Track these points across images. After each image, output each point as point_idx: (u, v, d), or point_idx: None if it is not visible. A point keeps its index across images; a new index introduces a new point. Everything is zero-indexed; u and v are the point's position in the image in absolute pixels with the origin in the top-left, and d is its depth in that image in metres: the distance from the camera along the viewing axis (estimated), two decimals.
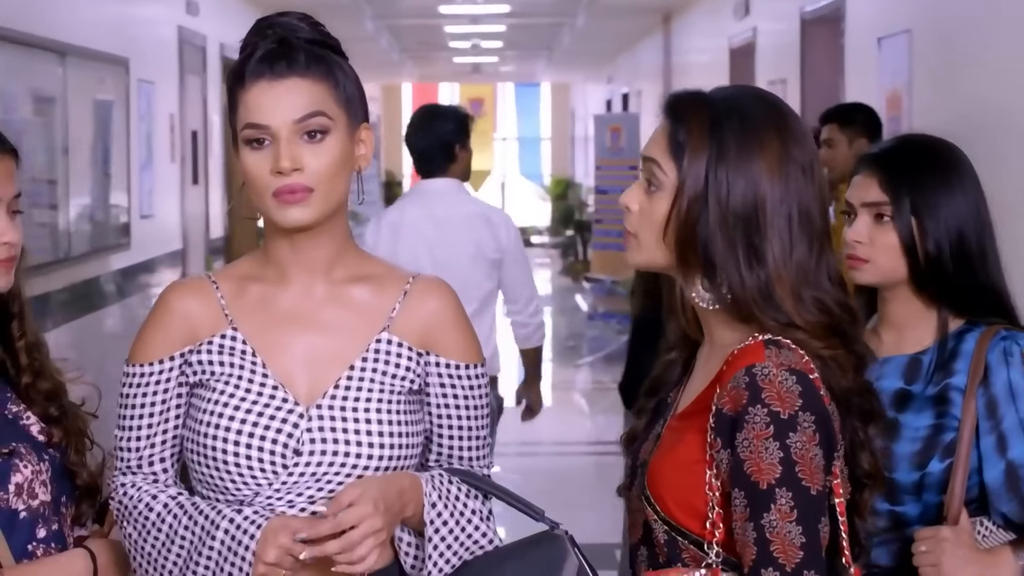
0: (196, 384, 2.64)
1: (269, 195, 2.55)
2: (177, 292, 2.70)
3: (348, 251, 2.69)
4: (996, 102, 5.50)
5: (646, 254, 2.47)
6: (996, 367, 2.84)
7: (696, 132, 2.39)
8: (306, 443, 2.58)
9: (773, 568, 2.25)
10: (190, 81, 11.49)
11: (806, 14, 9.05)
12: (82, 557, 2.68)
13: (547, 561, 2.58)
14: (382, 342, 2.65)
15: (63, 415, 2.76)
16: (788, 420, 2.27)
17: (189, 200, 11.43)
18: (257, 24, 2.62)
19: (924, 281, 2.90)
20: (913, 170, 2.91)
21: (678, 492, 2.39)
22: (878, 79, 7.30)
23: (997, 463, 2.82)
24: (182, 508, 2.59)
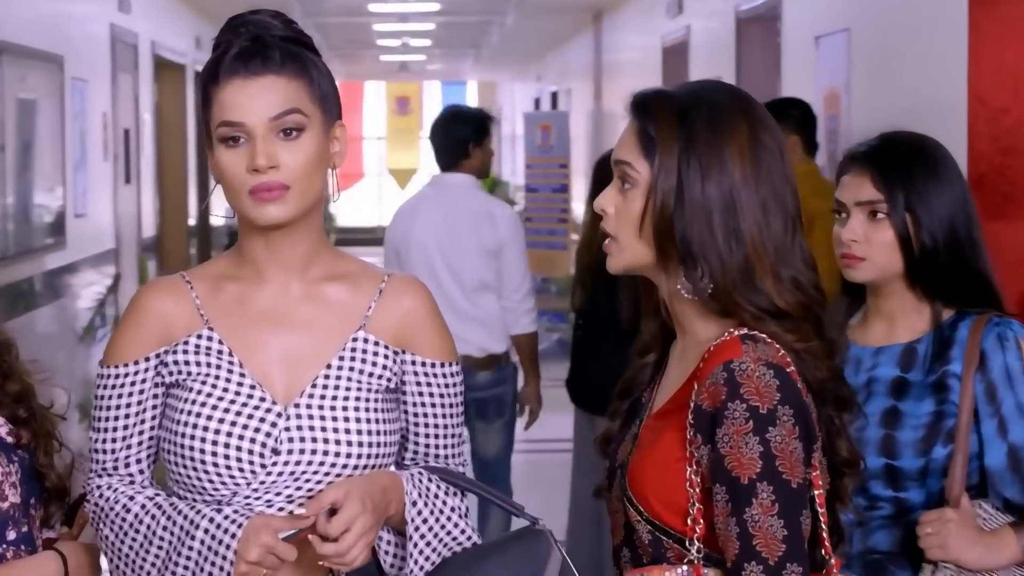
0: (172, 384, 2.63)
1: (245, 193, 2.54)
2: (151, 292, 2.69)
3: (323, 249, 2.69)
4: (934, 100, 5.56)
5: (627, 255, 2.48)
6: (992, 353, 2.90)
7: (665, 125, 2.41)
8: (284, 442, 2.57)
9: (756, 562, 2.27)
10: (122, 79, 11.40)
11: (741, 13, 9.09)
12: (53, 559, 2.67)
13: (532, 556, 2.58)
14: (358, 340, 2.65)
15: (32, 417, 2.75)
16: (767, 414, 2.29)
17: (122, 199, 11.34)
18: (230, 22, 2.62)
19: (919, 274, 2.96)
20: (904, 166, 2.97)
21: (661, 491, 2.40)
22: (816, 77, 7.35)
23: (999, 447, 2.89)
24: (160, 509, 2.58)
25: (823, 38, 7.29)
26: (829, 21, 7.22)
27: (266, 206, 2.54)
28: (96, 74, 10.52)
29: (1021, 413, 2.88)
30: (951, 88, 5.29)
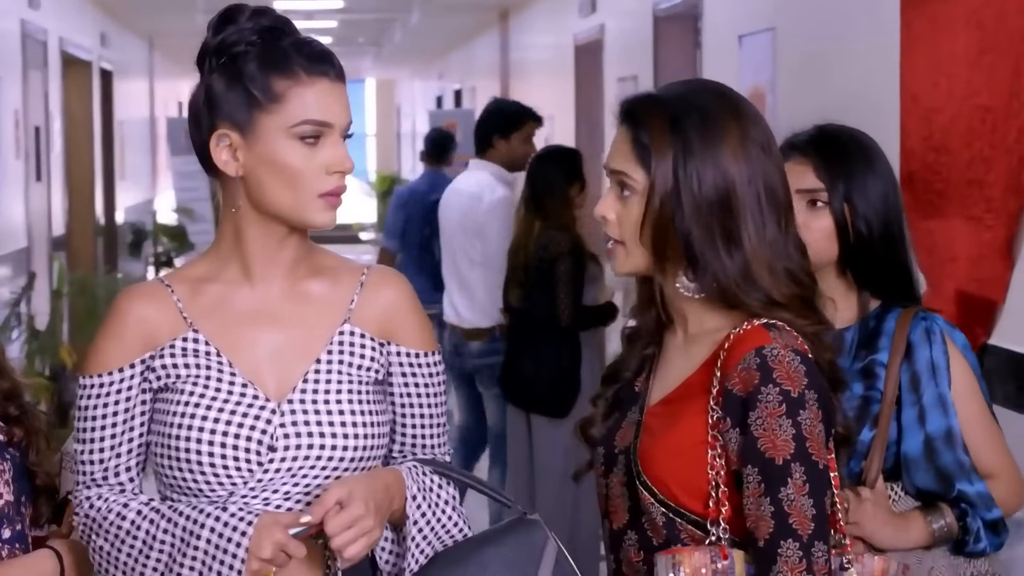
0: (161, 389, 2.62)
1: (315, 194, 2.56)
2: (130, 298, 2.68)
3: (310, 248, 2.70)
4: (865, 98, 5.61)
5: (634, 260, 2.55)
6: (920, 345, 2.99)
7: (658, 132, 2.48)
8: (280, 439, 2.58)
9: (793, 539, 2.35)
10: (32, 76, 11.29)
11: (659, 11, 9.12)
12: (49, 558, 2.67)
13: (528, 545, 2.62)
14: (345, 334, 2.66)
15: (23, 414, 2.74)
16: (798, 398, 2.38)
17: (33, 197, 11.23)
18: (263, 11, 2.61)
19: (850, 263, 3.05)
20: (844, 157, 3.05)
21: (680, 475, 2.47)
22: (739, 76, 7.39)
23: (917, 435, 2.98)
24: (159, 513, 2.57)
25: (746, 37, 7.33)
26: (753, 20, 7.26)
27: (333, 211, 2.59)
28: (8, 71, 10.41)
29: (940, 404, 2.97)
30: (882, 87, 5.35)
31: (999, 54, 4.48)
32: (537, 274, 6.46)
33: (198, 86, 2.64)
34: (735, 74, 7.46)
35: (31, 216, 11.11)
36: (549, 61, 13.51)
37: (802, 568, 2.35)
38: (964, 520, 2.97)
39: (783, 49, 6.80)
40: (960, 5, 4.76)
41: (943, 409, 2.97)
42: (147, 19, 16.84)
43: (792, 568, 2.35)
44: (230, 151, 2.59)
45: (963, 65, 4.72)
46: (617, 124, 2.58)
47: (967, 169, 4.68)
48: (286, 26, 2.61)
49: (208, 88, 2.60)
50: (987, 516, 2.98)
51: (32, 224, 11.15)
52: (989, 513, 2.98)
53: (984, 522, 2.97)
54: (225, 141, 2.58)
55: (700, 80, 2.66)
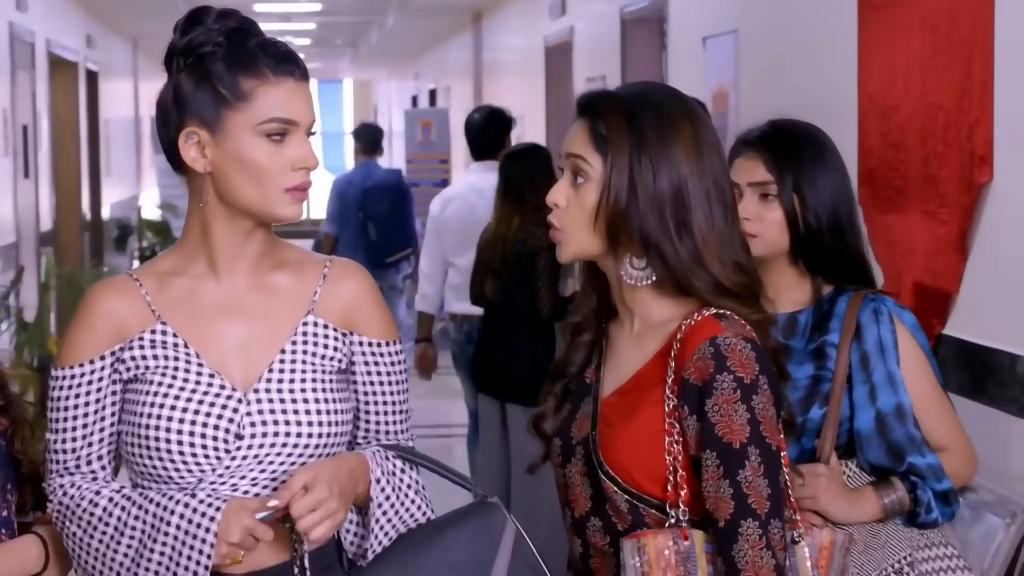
0: (130, 380, 2.62)
1: (280, 189, 2.57)
2: (100, 292, 2.67)
3: (273, 241, 2.71)
4: (824, 98, 5.63)
5: (576, 245, 2.57)
6: (867, 326, 3.04)
7: (615, 125, 2.51)
8: (247, 427, 2.58)
9: (752, 518, 2.39)
10: (20, 76, 11.26)
11: (626, 14, 9.14)
12: (34, 543, 2.67)
13: (488, 528, 2.63)
14: (308, 324, 2.67)
15: (8, 404, 2.74)
16: (751, 384, 2.42)
17: (21, 194, 11.20)
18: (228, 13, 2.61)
19: (802, 251, 3.08)
20: (793, 152, 3.09)
21: (641, 462, 2.49)
22: (704, 77, 7.41)
23: (868, 411, 3.02)
24: (129, 500, 2.57)
25: (710, 39, 7.35)
26: (716, 22, 7.28)
27: (299, 204, 2.60)
28: None
29: (890, 381, 3.01)
30: (841, 87, 5.37)
31: (951, 56, 4.50)
32: (516, 268, 6.45)
33: (166, 85, 2.64)
34: (700, 74, 7.48)
35: (19, 212, 11.09)
36: (520, 62, 13.52)
37: (762, 545, 2.38)
38: (915, 492, 3.00)
39: (745, 50, 6.82)
40: (915, 9, 4.78)
41: (892, 386, 3.01)
42: (131, 22, 16.81)
43: (753, 545, 2.38)
44: (198, 148, 2.59)
45: (917, 66, 4.74)
46: (575, 117, 2.61)
47: (923, 166, 4.70)
48: (252, 27, 2.62)
49: (176, 87, 2.60)
50: (937, 487, 3.01)
51: (20, 220, 11.13)
52: (939, 484, 3.01)
53: (935, 493, 3.01)
54: (193, 138, 2.59)
55: (655, 82, 2.71)
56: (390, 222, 10.38)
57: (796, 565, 2.54)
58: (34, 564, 2.66)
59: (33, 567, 2.66)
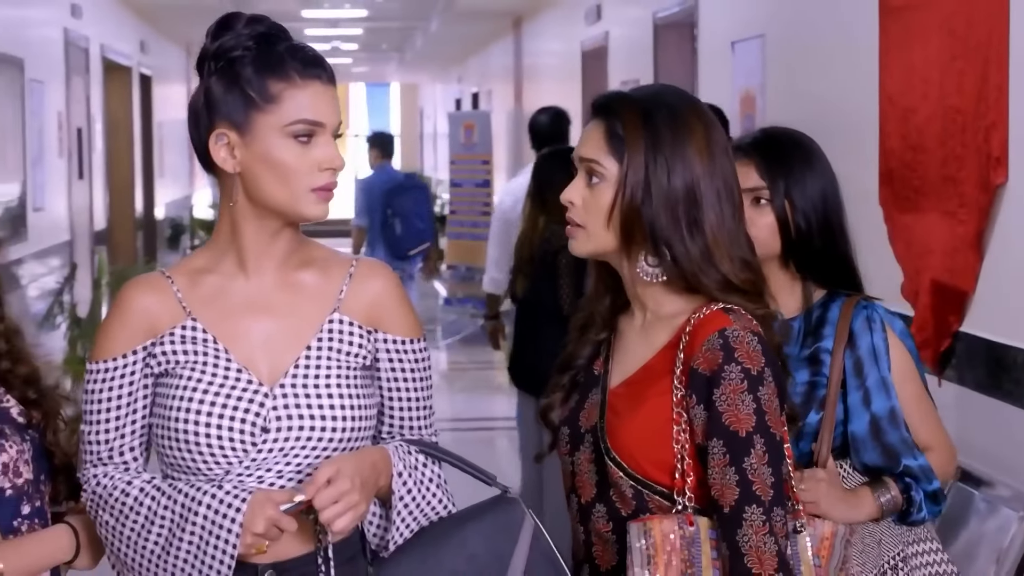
0: (161, 374, 2.63)
1: (308, 188, 2.57)
2: (134, 289, 2.68)
3: (301, 240, 2.71)
4: (847, 100, 5.62)
5: (594, 242, 2.58)
6: (861, 332, 3.04)
7: (631, 126, 2.52)
8: (272, 421, 2.58)
9: (756, 504, 2.40)
10: (75, 81, 11.32)
11: (659, 19, 9.13)
12: (66, 532, 2.67)
13: (506, 522, 2.62)
14: (334, 322, 2.66)
15: (41, 398, 2.74)
16: (757, 375, 2.43)
17: (76, 194, 11.27)
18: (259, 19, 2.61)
19: (793, 255, 3.08)
20: (783, 157, 3.09)
21: (649, 450, 2.50)
22: (732, 80, 7.40)
23: (863, 415, 3.02)
24: (159, 490, 2.57)
25: (739, 43, 7.33)
26: (744, 27, 7.27)
27: (326, 204, 2.60)
28: (51, 76, 10.45)
29: (883, 386, 3.01)
30: (863, 90, 5.35)
31: (968, 59, 4.47)
32: (541, 266, 6.46)
33: (197, 89, 2.65)
34: (728, 78, 7.47)
35: (73, 212, 11.16)
36: (558, 66, 13.52)
37: (765, 531, 2.39)
38: (908, 492, 3.01)
39: (772, 54, 6.81)
40: (933, 13, 4.75)
41: (886, 391, 3.01)
42: (184, 28, 16.88)
43: (756, 531, 2.39)
44: (228, 149, 2.59)
45: (936, 69, 4.71)
46: (590, 117, 2.61)
47: (941, 167, 4.67)
48: (281, 32, 2.62)
49: (207, 90, 2.60)
50: (928, 488, 3.02)
51: (74, 219, 11.19)
52: (930, 485, 3.02)
53: (925, 493, 3.02)
54: (223, 140, 2.59)
55: (668, 85, 2.71)
56: (414, 218, 11.50)
57: (798, 554, 2.55)
58: (66, 552, 2.66)
59: (65, 555, 2.67)
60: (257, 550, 2.50)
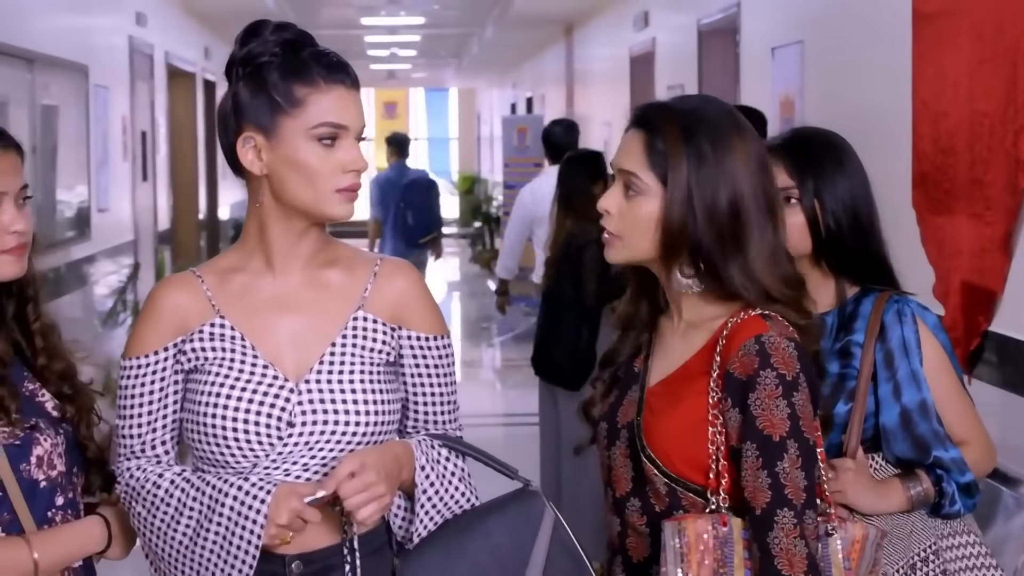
0: (191, 370, 2.64)
1: (332, 189, 2.57)
2: (165, 288, 2.70)
3: (326, 240, 2.71)
4: (881, 104, 5.59)
5: (630, 251, 2.55)
6: (891, 326, 2.98)
7: (672, 140, 2.46)
8: (298, 415, 2.58)
9: (788, 508, 2.37)
10: (139, 86, 11.39)
11: (703, 26, 9.11)
12: (98, 523, 2.68)
13: (527, 515, 2.62)
14: (358, 319, 2.66)
15: (75, 393, 2.75)
16: (792, 381, 2.40)
17: (139, 195, 11.34)
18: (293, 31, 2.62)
19: (825, 253, 3.03)
20: (813, 157, 3.03)
21: (683, 449, 2.48)
22: (772, 85, 7.37)
23: (893, 407, 2.97)
24: (188, 482, 2.59)
25: (778, 49, 7.31)
26: (784, 34, 7.24)
27: (350, 204, 2.60)
28: (116, 82, 10.51)
29: (913, 379, 2.96)
30: (896, 94, 5.32)
31: (996, 64, 4.43)
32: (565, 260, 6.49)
33: (226, 94, 2.66)
34: (768, 83, 7.45)
35: (137, 212, 11.22)
36: (608, 71, 13.50)
37: (796, 534, 2.36)
38: (940, 484, 2.96)
39: (810, 60, 6.78)
40: (964, 19, 4.71)
41: (916, 383, 2.96)
42: None
43: (788, 533, 2.36)
44: (255, 152, 2.59)
45: (966, 73, 4.67)
46: (628, 127, 2.56)
47: (970, 169, 4.64)
48: (306, 39, 2.62)
49: (235, 95, 2.61)
50: (961, 480, 2.97)
51: (138, 220, 11.25)
52: (963, 477, 2.97)
53: (958, 485, 2.96)
54: (250, 143, 2.59)
55: (708, 96, 2.65)
56: (424, 210, 12.33)
57: (829, 556, 2.51)
58: (98, 543, 2.67)
59: (97, 545, 2.68)
60: (281, 541, 2.50)
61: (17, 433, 2.59)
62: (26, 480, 2.60)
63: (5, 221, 2.62)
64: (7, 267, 2.64)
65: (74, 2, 9.39)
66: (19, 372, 2.70)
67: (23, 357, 2.73)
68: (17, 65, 7.69)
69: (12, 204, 2.63)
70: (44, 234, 8.07)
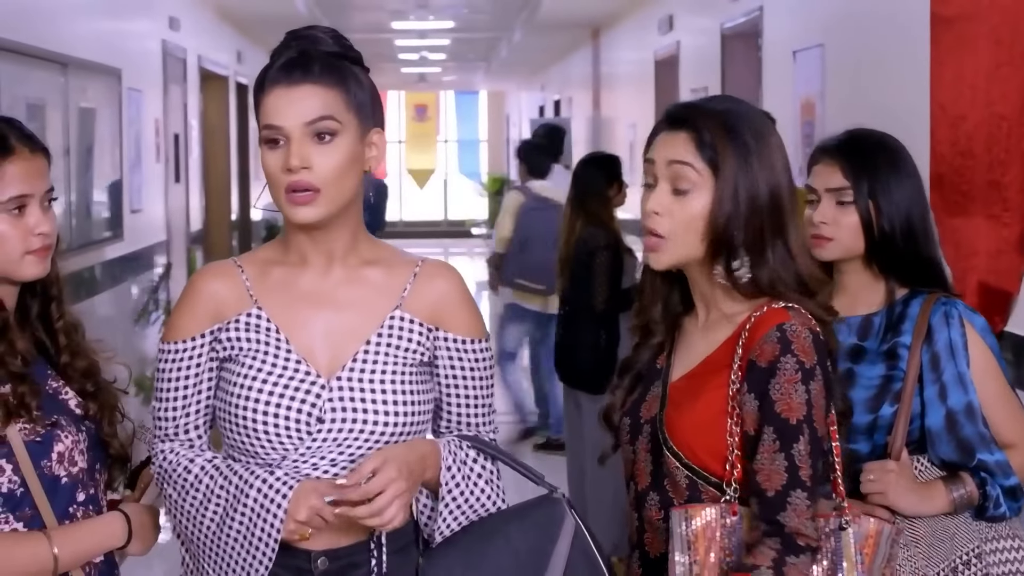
0: (225, 359, 2.63)
1: (282, 191, 2.55)
2: (205, 276, 2.69)
3: (361, 240, 2.68)
4: (900, 107, 5.56)
5: (680, 251, 2.54)
6: (938, 328, 2.96)
7: (720, 136, 2.48)
8: (328, 412, 2.57)
9: (801, 490, 2.40)
10: (172, 89, 11.41)
11: (726, 29, 9.09)
12: (118, 519, 2.68)
13: (548, 521, 2.61)
14: (395, 319, 2.64)
15: (98, 391, 2.75)
16: (810, 370, 2.43)
17: (172, 196, 11.36)
18: (287, 35, 2.62)
19: (877, 255, 3.02)
20: (869, 159, 3.02)
21: (706, 441, 2.49)
22: (793, 88, 7.35)
23: (939, 409, 2.94)
24: (217, 470, 2.59)
25: (800, 52, 7.28)
26: (805, 37, 7.22)
27: (299, 207, 2.55)
28: (149, 85, 10.53)
29: (960, 381, 2.94)
30: (915, 97, 5.29)
31: (1013, 67, 4.41)
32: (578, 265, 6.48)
33: None
34: (790, 85, 7.42)
35: (170, 213, 11.24)
36: (633, 74, 13.47)
37: (808, 515, 2.40)
38: (984, 487, 2.93)
39: (831, 63, 6.76)
40: (981, 23, 4.69)
41: (963, 386, 2.94)
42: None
43: (800, 514, 2.39)
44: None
45: (983, 77, 4.65)
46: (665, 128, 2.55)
47: (987, 172, 4.62)
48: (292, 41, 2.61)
49: None
50: (1006, 483, 2.94)
51: (171, 220, 11.28)
52: (1007, 480, 2.94)
53: (1003, 489, 2.93)
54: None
55: (731, 96, 2.67)
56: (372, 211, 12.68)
57: (841, 550, 2.52)
58: (118, 538, 2.68)
59: (117, 541, 2.68)
60: (300, 536, 2.50)
61: (38, 430, 2.60)
62: (47, 476, 2.60)
63: (31, 223, 2.63)
64: (31, 268, 2.65)
65: (108, 7, 9.41)
66: (42, 370, 2.70)
67: (47, 355, 2.74)
68: (52, 69, 7.72)
69: (38, 207, 2.64)
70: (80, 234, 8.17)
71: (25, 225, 2.62)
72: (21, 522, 2.59)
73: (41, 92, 7.54)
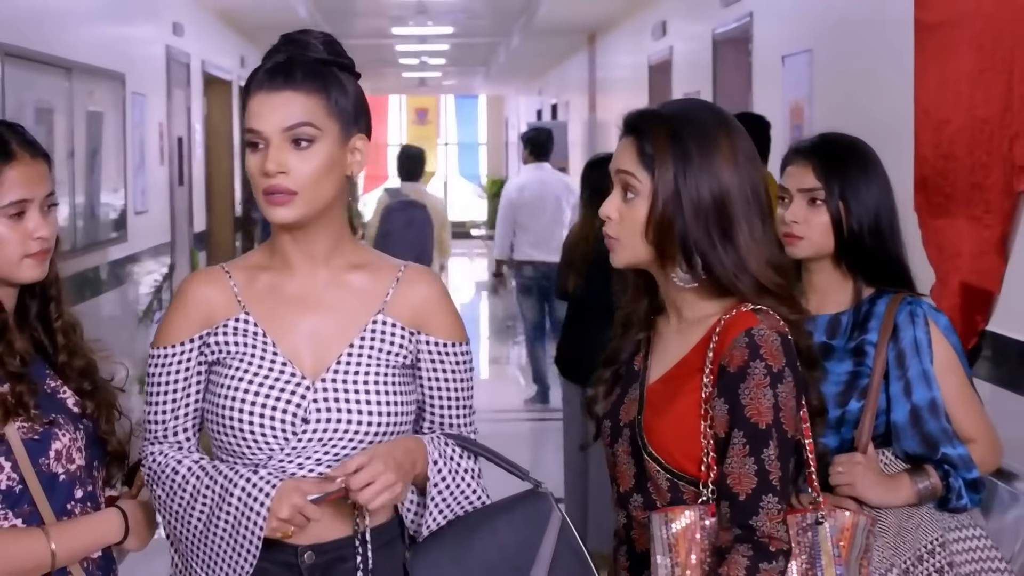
0: (214, 362, 2.64)
1: (261, 193, 2.56)
2: (195, 282, 2.70)
3: (344, 243, 2.68)
4: (885, 111, 5.58)
5: (629, 254, 2.56)
6: (904, 326, 2.99)
7: (660, 143, 2.49)
8: (312, 412, 2.58)
9: (772, 494, 2.40)
10: (176, 93, 11.41)
11: (717, 35, 9.10)
12: (115, 515, 2.69)
13: (534, 516, 2.62)
14: (378, 323, 2.65)
15: (95, 389, 2.75)
16: (778, 373, 2.42)
17: (176, 198, 11.37)
18: (281, 38, 2.62)
19: (846, 254, 3.05)
20: (841, 161, 3.05)
21: (682, 443, 2.50)
22: (782, 92, 7.37)
23: (904, 405, 2.98)
24: (203, 470, 2.59)
25: (788, 57, 7.30)
26: (794, 43, 7.24)
27: (275, 208, 2.55)
28: (153, 89, 10.54)
29: (924, 378, 2.97)
30: (900, 101, 5.30)
31: (995, 72, 4.42)
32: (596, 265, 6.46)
33: None
34: (779, 90, 7.43)
35: (174, 215, 11.25)
36: (628, 78, 13.49)
37: (779, 519, 2.40)
38: (947, 480, 2.97)
39: (819, 68, 6.78)
40: (964, 29, 4.70)
41: (926, 382, 2.97)
42: None
43: (772, 518, 2.39)
44: None
45: (966, 82, 4.66)
46: (620, 135, 2.58)
47: (970, 174, 4.62)
48: (283, 45, 2.61)
49: None
50: (967, 476, 2.97)
51: (175, 222, 11.29)
52: (969, 473, 2.97)
53: (965, 481, 2.97)
54: None
55: (696, 99, 2.68)
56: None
57: (819, 544, 2.52)
58: (115, 534, 2.68)
59: (114, 537, 2.68)
60: (283, 534, 2.50)
61: (37, 428, 2.60)
62: (45, 473, 2.60)
63: (30, 227, 2.63)
64: (30, 271, 2.65)
65: (113, 13, 9.42)
66: (41, 370, 2.70)
67: (45, 355, 2.74)
68: (58, 73, 7.73)
69: (38, 211, 2.64)
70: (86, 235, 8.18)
71: (24, 229, 2.62)
72: (20, 518, 2.59)
73: (48, 96, 7.55)
